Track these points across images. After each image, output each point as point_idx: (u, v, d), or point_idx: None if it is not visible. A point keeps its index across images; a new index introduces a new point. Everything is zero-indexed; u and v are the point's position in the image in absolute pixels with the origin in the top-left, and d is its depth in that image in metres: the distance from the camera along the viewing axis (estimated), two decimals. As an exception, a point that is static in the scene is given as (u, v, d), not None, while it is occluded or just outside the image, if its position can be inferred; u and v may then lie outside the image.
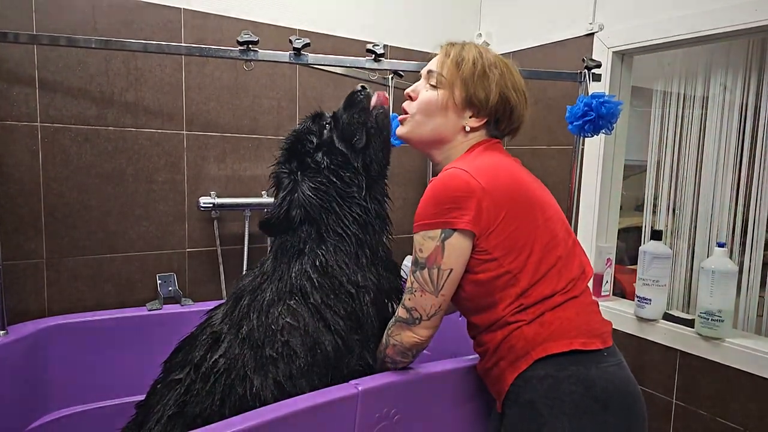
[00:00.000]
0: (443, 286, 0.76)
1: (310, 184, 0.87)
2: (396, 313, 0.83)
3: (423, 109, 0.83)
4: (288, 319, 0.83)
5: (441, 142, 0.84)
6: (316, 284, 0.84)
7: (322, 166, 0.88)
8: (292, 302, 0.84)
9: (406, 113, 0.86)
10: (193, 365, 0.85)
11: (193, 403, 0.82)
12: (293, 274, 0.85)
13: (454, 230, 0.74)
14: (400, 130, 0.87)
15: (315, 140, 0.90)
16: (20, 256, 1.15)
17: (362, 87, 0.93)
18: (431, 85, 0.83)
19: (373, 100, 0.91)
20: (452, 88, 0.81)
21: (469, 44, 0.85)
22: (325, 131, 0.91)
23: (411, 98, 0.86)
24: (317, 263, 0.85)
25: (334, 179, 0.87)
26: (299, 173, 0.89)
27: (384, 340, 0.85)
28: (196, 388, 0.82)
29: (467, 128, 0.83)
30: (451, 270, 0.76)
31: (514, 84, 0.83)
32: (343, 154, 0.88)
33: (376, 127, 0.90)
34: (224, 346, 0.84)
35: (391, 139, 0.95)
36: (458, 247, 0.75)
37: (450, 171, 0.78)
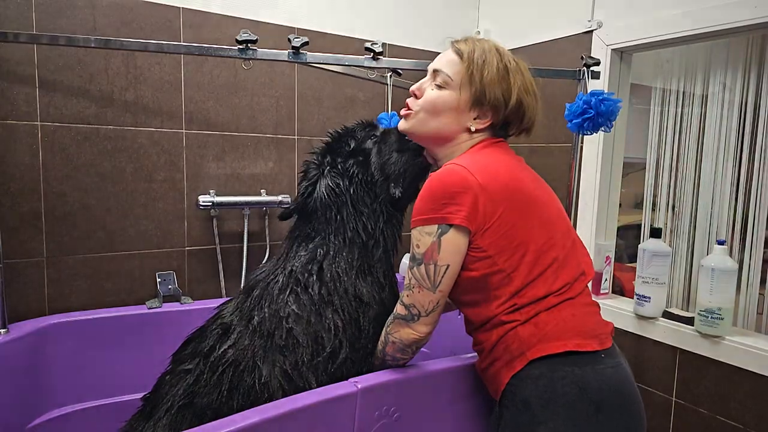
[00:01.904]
0: (440, 282, 0.76)
1: (329, 183, 0.88)
2: (394, 310, 0.83)
3: (427, 108, 0.82)
4: (293, 307, 0.84)
5: (443, 140, 0.84)
6: (315, 278, 0.85)
7: (349, 173, 0.89)
8: (298, 289, 0.85)
9: (409, 109, 0.85)
10: (202, 356, 0.86)
11: (202, 394, 0.83)
12: (297, 263, 0.87)
13: (450, 226, 0.74)
14: (402, 125, 0.86)
15: (353, 144, 0.91)
16: (20, 255, 1.16)
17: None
18: (437, 85, 0.82)
19: None
20: (459, 89, 0.80)
21: (480, 42, 0.82)
22: (369, 142, 0.91)
23: (416, 96, 0.85)
24: (315, 261, 0.86)
25: (351, 190, 0.88)
26: (327, 169, 0.91)
27: (383, 338, 0.85)
28: (205, 378, 0.83)
29: (472, 128, 0.82)
30: (448, 266, 0.76)
31: (527, 87, 0.82)
32: (372, 176, 0.89)
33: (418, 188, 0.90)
34: (233, 337, 0.85)
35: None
36: (454, 243, 0.75)
37: (448, 167, 0.78)
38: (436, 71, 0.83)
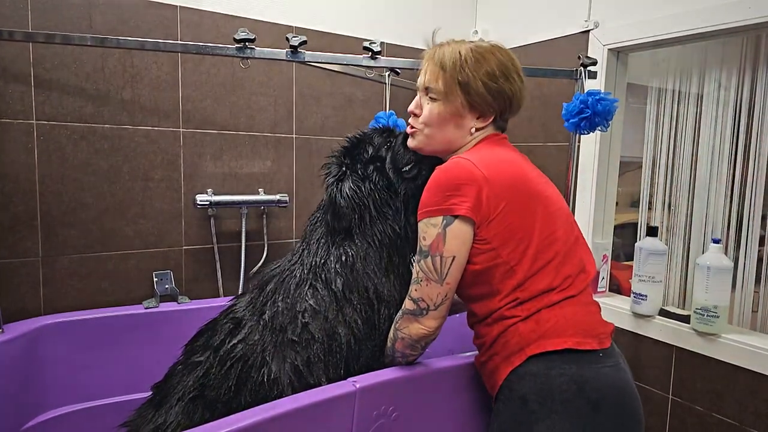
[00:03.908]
0: (447, 273, 0.77)
1: (351, 185, 0.89)
2: (403, 306, 0.83)
3: (429, 122, 0.84)
4: (311, 302, 0.84)
5: (453, 146, 0.85)
6: (340, 273, 0.85)
7: (370, 178, 0.90)
8: (318, 284, 0.85)
9: (415, 128, 0.86)
10: (212, 349, 0.86)
11: (211, 387, 0.83)
12: (320, 258, 0.87)
13: (455, 217, 0.75)
14: (412, 143, 0.88)
15: (371, 151, 0.92)
16: (16, 255, 1.15)
17: None
18: (431, 98, 0.83)
19: None
20: (452, 96, 0.81)
21: (450, 45, 0.83)
22: (383, 149, 0.93)
23: (416, 114, 0.86)
24: (343, 258, 0.86)
25: (375, 192, 0.89)
26: (347, 172, 0.92)
27: (392, 334, 0.85)
28: (214, 372, 0.84)
29: (473, 129, 0.83)
30: (454, 257, 0.76)
31: (502, 72, 0.81)
32: (389, 178, 0.90)
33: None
34: (244, 332, 0.86)
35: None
36: (459, 234, 0.75)
37: (453, 160, 0.79)
38: (426, 87, 0.84)
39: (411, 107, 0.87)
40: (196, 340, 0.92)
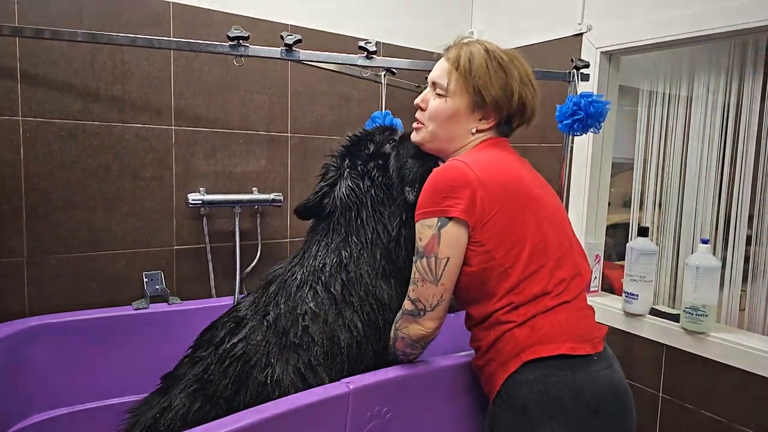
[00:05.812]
0: (442, 274, 0.77)
1: (349, 183, 0.89)
2: (402, 306, 0.83)
3: (433, 118, 0.85)
4: (311, 305, 0.84)
5: (453, 144, 0.86)
6: (337, 278, 0.85)
7: (370, 175, 0.90)
8: (318, 287, 0.85)
9: (420, 123, 0.88)
10: (214, 345, 0.87)
11: (210, 382, 0.84)
12: (318, 262, 0.87)
13: (450, 219, 0.75)
14: (414, 137, 0.90)
15: (372, 148, 0.92)
16: (0, 254, 1.12)
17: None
18: (438, 95, 0.85)
19: None
20: (458, 95, 0.82)
21: (468, 45, 0.84)
22: (387, 146, 0.92)
23: (421, 108, 0.88)
24: (336, 260, 0.86)
25: (372, 192, 0.89)
26: (346, 171, 0.91)
27: (393, 334, 0.85)
28: (213, 368, 0.84)
29: (474, 130, 0.84)
30: (448, 259, 0.76)
31: (522, 78, 0.84)
32: (390, 178, 0.90)
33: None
34: (244, 331, 0.86)
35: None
36: (454, 236, 0.76)
37: (449, 162, 0.80)
38: (434, 83, 0.86)
39: (417, 100, 0.88)
40: (204, 334, 0.93)
